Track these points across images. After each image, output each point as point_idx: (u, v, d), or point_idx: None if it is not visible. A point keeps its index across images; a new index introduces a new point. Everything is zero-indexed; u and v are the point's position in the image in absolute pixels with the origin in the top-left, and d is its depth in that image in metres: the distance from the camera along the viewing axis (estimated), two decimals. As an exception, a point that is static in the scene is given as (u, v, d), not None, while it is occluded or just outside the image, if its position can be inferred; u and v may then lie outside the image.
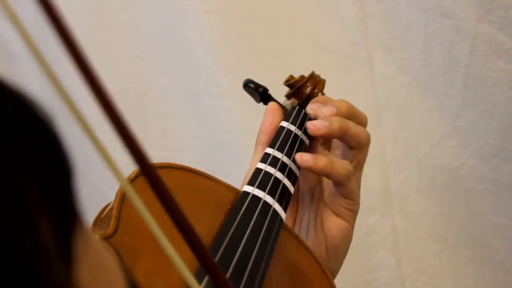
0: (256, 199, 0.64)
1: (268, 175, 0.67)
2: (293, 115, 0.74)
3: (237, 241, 0.58)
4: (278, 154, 0.69)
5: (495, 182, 1.16)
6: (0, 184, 0.26)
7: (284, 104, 0.78)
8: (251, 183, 0.66)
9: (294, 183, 0.69)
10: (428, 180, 1.20)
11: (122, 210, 0.54)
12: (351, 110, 0.69)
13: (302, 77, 0.78)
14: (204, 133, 1.24)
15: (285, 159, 0.69)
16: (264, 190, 0.65)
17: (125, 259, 0.50)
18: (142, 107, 1.23)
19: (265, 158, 0.69)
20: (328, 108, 0.69)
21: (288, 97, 0.79)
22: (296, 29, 1.18)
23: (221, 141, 1.23)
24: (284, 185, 0.67)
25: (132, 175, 0.56)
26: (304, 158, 0.66)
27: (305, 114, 0.74)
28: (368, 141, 0.70)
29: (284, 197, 0.67)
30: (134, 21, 1.20)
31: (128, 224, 0.54)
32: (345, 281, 1.25)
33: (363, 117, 0.71)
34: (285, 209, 0.66)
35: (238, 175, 0.74)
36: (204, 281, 0.47)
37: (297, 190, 0.75)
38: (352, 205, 0.70)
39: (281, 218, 0.65)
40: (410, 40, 1.13)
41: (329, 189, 0.71)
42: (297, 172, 0.70)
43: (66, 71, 0.44)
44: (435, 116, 1.16)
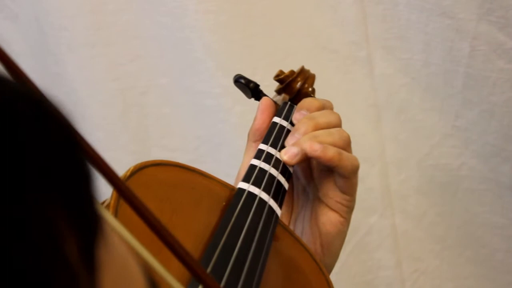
0: (252, 196, 0.63)
1: (263, 172, 0.66)
2: (285, 111, 0.74)
3: (235, 239, 0.58)
4: (272, 150, 0.69)
5: (495, 182, 1.16)
6: (25, 204, 0.25)
7: (275, 99, 0.77)
8: (246, 180, 0.65)
9: (289, 180, 0.69)
10: (428, 180, 1.20)
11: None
12: (327, 124, 0.70)
13: (292, 72, 0.78)
14: (204, 133, 1.24)
15: (279, 155, 0.69)
16: (260, 187, 0.64)
17: None
18: (142, 107, 1.23)
19: (259, 155, 0.68)
20: (297, 133, 0.69)
21: (279, 92, 0.79)
22: (296, 29, 1.18)
23: (221, 141, 1.22)
24: (279, 182, 0.67)
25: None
26: (314, 148, 0.67)
27: None
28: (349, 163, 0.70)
29: (279, 194, 0.66)
30: (134, 21, 1.20)
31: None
32: (345, 281, 1.25)
33: (335, 122, 0.71)
34: (280, 206, 0.66)
35: (239, 175, 0.73)
36: None
37: (292, 187, 0.74)
38: (349, 201, 0.70)
39: (277, 215, 0.64)
40: (410, 40, 1.13)
41: (327, 185, 0.71)
42: (291, 169, 0.70)
43: (66, 71, 0.44)
44: (435, 116, 1.16)
